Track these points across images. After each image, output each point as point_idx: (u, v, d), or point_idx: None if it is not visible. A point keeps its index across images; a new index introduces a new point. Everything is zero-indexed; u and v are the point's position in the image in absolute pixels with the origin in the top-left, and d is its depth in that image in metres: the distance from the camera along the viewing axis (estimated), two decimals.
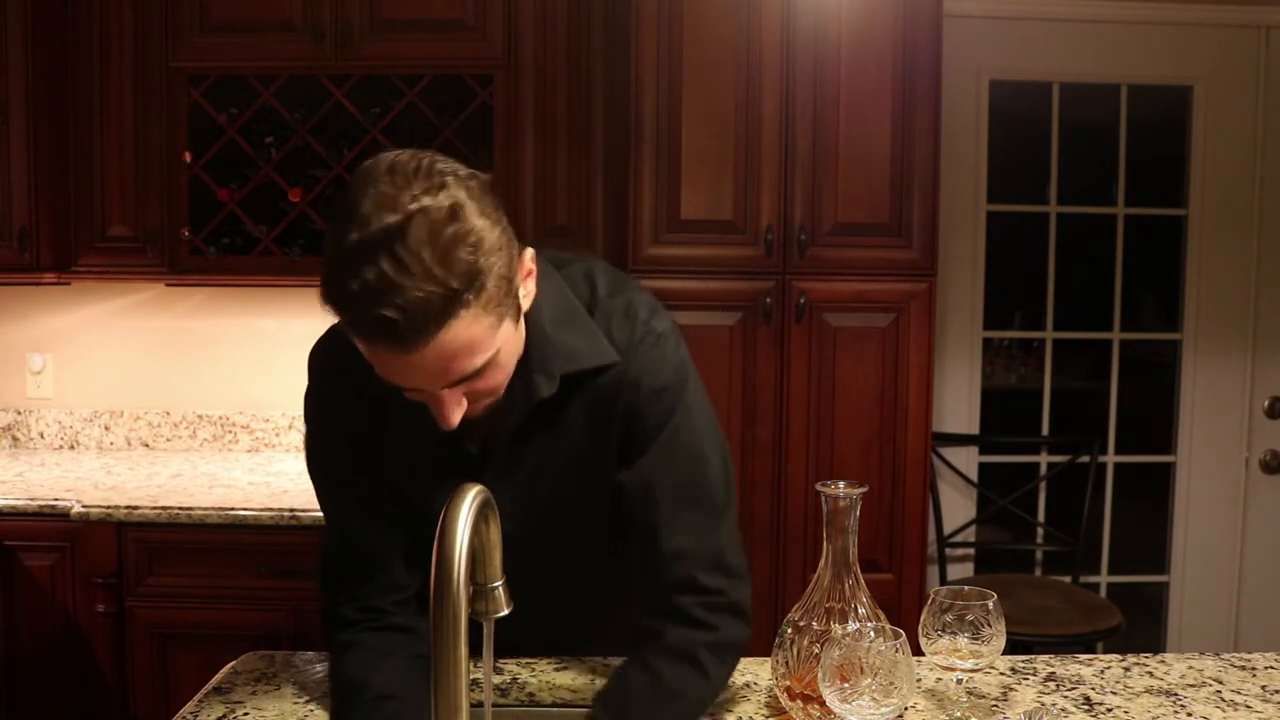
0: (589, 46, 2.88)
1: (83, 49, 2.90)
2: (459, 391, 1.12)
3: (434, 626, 0.93)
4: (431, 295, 1.00)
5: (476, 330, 1.06)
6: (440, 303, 1.01)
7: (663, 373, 1.28)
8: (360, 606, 1.34)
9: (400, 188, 1.01)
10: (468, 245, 1.02)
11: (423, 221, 1.00)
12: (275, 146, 2.90)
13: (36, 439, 3.29)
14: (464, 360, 1.07)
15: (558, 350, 1.24)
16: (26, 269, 2.88)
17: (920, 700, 1.36)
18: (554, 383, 1.24)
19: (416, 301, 1.00)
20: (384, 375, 1.10)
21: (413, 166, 1.03)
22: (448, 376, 1.08)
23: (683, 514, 1.28)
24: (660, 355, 1.29)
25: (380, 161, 1.05)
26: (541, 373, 1.23)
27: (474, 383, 1.12)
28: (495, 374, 1.14)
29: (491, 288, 1.06)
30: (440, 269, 1.00)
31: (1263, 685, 1.42)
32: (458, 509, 0.95)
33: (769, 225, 2.68)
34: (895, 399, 2.72)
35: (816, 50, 2.66)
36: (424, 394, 1.12)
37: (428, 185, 1.02)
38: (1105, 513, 3.50)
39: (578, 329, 1.26)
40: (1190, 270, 3.41)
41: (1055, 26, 3.32)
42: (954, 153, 3.24)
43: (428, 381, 1.09)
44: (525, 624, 1.26)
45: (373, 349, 1.06)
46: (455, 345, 1.05)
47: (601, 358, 1.26)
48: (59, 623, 2.63)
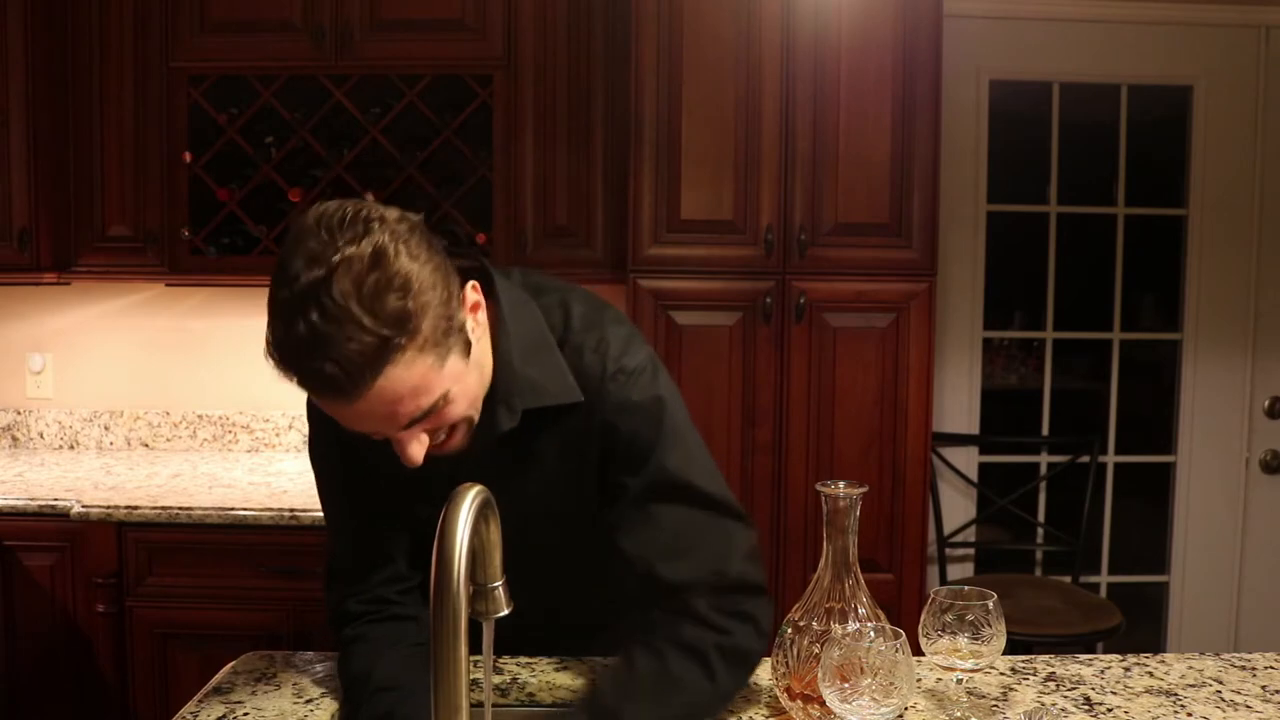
0: (589, 46, 2.88)
1: (82, 49, 2.90)
2: (415, 431, 1.12)
3: (434, 626, 0.93)
4: (364, 345, 1.02)
5: (417, 372, 1.07)
6: (373, 351, 1.02)
7: (636, 411, 1.27)
8: (364, 599, 1.36)
9: (325, 242, 1.02)
10: (394, 290, 1.03)
11: (345, 272, 1.01)
12: (275, 146, 2.90)
13: (36, 439, 3.29)
14: (410, 402, 1.08)
15: (522, 384, 1.24)
16: (26, 269, 2.88)
17: (920, 700, 1.36)
18: (515, 416, 1.24)
19: (349, 353, 1.01)
20: (341, 424, 1.12)
21: (338, 218, 1.04)
22: (398, 420, 1.10)
23: (686, 542, 1.27)
24: (631, 393, 1.27)
25: (309, 215, 1.06)
26: (504, 405, 1.24)
27: (429, 423, 1.12)
28: (451, 410, 1.14)
29: (427, 328, 1.06)
30: (368, 318, 1.01)
31: (1263, 685, 1.42)
32: (458, 509, 0.95)
33: (769, 225, 2.68)
34: (895, 399, 2.72)
35: (816, 50, 2.66)
36: (383, 436, 1.14)
37: (352, 235, 1.03)
38: (1105, 513, 3.50)
39: (545, 364, 1.26)
40: (1190, 270, 3.41)
41: (1055, 26, 3.32)
42: (954, 153, 3.24)
43: (380, 426, 1.11)
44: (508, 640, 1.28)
45: (320, 401, 1.08)
46: (398, 389, 1.06)
47: (564, 396, 1.26)
48: (59, 623, 2.63)
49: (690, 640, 1.23)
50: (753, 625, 1.28)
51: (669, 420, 1.29)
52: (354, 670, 1.32)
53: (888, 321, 2.71)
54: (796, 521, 2.73)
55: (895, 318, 2.71)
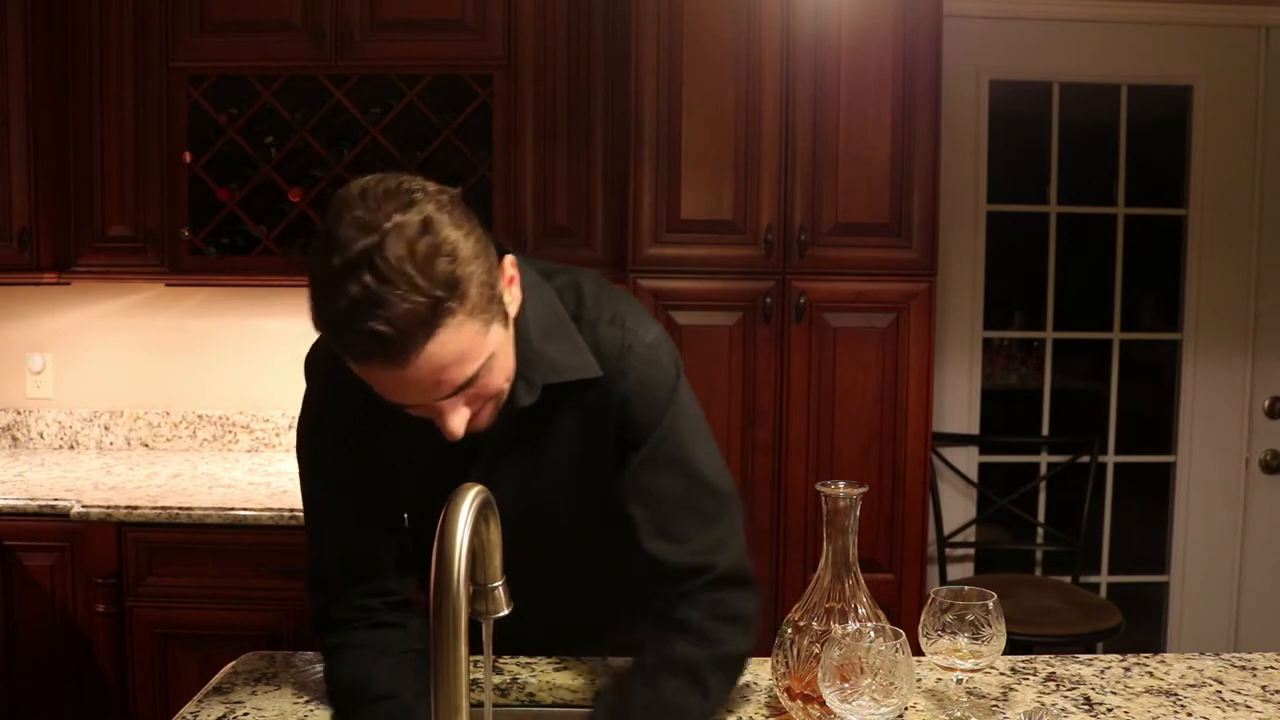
0: (589, 46, 2.88)
1: (82, 49, 2.90)
2: (458, 401, 1.13)
3: (434, 626, 0.93)
4: (417, 305, 1.02)
5: (465, 337, 1.07)
6: (426, 312, 1.03)
7: (652, 384, 1.30)
8: (350, 606, 1.34)
9: (373, 209, 1.04)
10: (444, 255, 1.04)
11: (397, 237, 1.02)
12: (275, 146, 2.90)
13: (36, 439, 3.29)
14: (457, 369, 1.09)
15: (542, 361, 1.26)
16: (26, 269, 2.88)
17: (920, 700, 1.36)
18: (535, 391, 1.26)
19: (403, 313, 1.02)
20: (383, 394, 1.12)
21: (382, 189, 1.06)
22: (442, 388, 1.10)
23: (682, 524, 1.30)
24: (648, 366, 1.30)
25: (351, 188, 1.07)
26: (524, 381, 1.25)
27: (471, 391, 1.12)
28: (491, 380, 1.15)
29: (474, 294, 1.07)
30: (422, 279, 1.02)
31: (1263, 685, 1.42)
32: (458, 509, 0.95)
33: (769, 225, 2.68)
34: (895, 399, 2.72)
35: (816, 50, 2.66)
36: (425, 408, 1.13)
37: (398, 204, 1.04)
38: (1105, 513, 3.50)
39: (563, 341, 1.28)
40: (1190, 270, 3.41)
41: (1055, 26, 3.32)
42: (954, 153, 3.24)
43: (424, 395, 1.10)
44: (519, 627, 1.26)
45: (367, 368, 1.08)
46: (446, 354, 1.06)
47: (585, 371, 1.28)
48: (59, 623, 2.63)
49: (683, 658, 1.25)
50: (743, 625, 1.30)
51: (679, 396, 1.32)
52: (345, 678, 1.30)
53: (888, 321, 2.71)
54: (796, 521, 2.73)
55: (895, 318, 2.71)
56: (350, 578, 1.34)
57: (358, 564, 1.34)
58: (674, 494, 1.30)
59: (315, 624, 1.37)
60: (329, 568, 1.36)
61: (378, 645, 1.32)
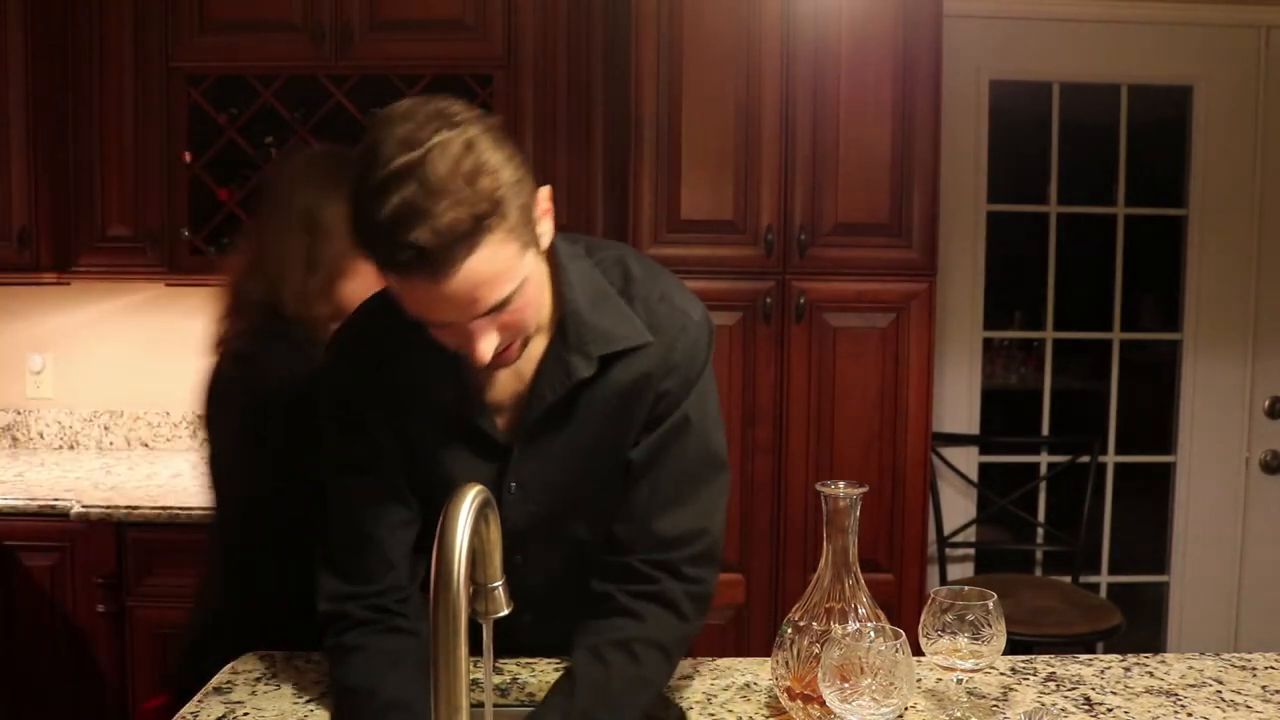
0: (589, 46, 2.88)
1: (83, 49, 2.90)
2: (490, 324, 1.14)
3: (434, 626, 0.93)
4: (460, 219, 1.04)
5: (503, 256, 1.09)
6: (468, 225, 1.05)
7: (694, 360, 1.33)
8: (368, 605, 1.32)
9: (418, 127, 1.06)
10: (487, 174, 1.07)
11: (443, 153, 1.05)
12: (275, 146, 2.90)
13: (36, 439, 3.29)
14: (493, 288, 1.10)
15: (594, 332, 1.27)
16: (26, 269, 2.88)
17: (920, 700, 1.36)
18: (592, 364, 1.27)
19: (446, 225, 1.04)
20: (416, 312, 1.13)
21: (427, 109, 1.09)
22: (477, 306, 1.11)
23: (687, 497, 1.32)
24: (695, 344, 1.33)
25: (395, 107, 1.10)
26: (579, 354, 1.27)
27: (503, 314, 1.14)
28: (524, 308, 1.17)
29: (514, 215, 1.10)
30: (467, 191, 1.05)
31: (1263, 685, 1.42)
32: (458, 509, 0.95)
33: (769, 225, 2.68)
34: (895, 399, 2.72)
35: (816, 50, 2.66)
36: (455, 329, 1.14)
37: (444, 123, 1.07)
38: (1105, 513, 3.50)
39: (612, 311, 1.29)
40: (1190, 270, 3.41)
41: (1055, 26, 3.32)
42: (954, 153, 3.24)
43: (459, 312, 1.11)
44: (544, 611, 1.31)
45: (406, 281, 1.09)
46: (484, 271, 1.08)
47: (636, 339, 1.29)
48: (59, 623, 2.63)
49: (660, 634, 1.29)
50: (707, 607, 1.34)
51: (709, 371, 1.36)
52: (355, 682, 1.29)
53: (888, 321, 2.71)
54: (796, 521, 2.73)
55: (895, 318, 2.71)
56: (366, 572, 1.33)
57: (373, 557, 1.33)
58: (687, 464, 1.32)
59: (327, 620, 1.34)
60: (344, 560, 1.34)
61: (393, 653, 1.30)
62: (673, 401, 1.32)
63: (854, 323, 2.71)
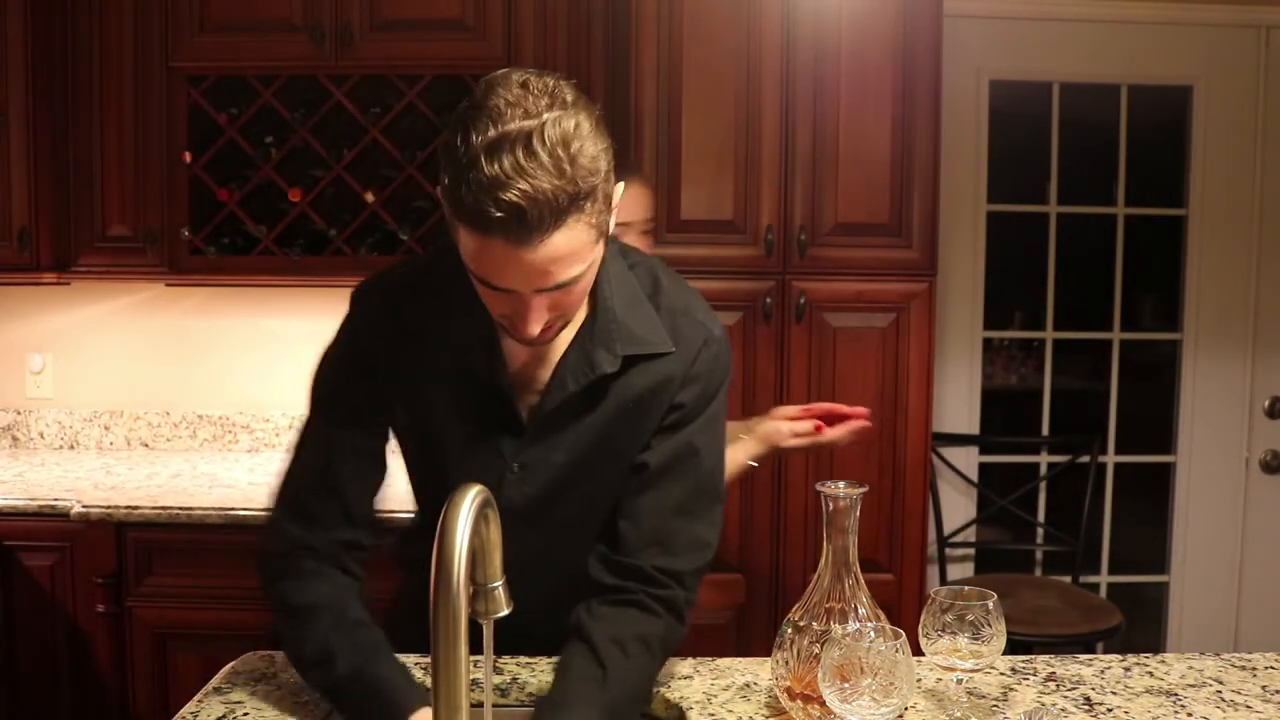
0: (589, 46, 2.87)
1: (83, 49, 2.90)
2: (544, 302, 1.17)
3: (434, 626, 0.93)
4: (559, 190, 1.08)
5: (583, 237, 1.13)
6: (565, 200, 1.09)
7: (713, 376, 1.37)
8: (332, 541, 1.33)
9: (534, 98, 1.10)
10: (587, 157, 1.11)
11: (555, 127, 1.09)
12: (275, 146, 2.90)
13: (36, 439, 3.29)
14: (565, 266, 1.14)
15: (623, 330, 1.31)
16: (26, 269, 2.88)
17: (920, 700, 1.36)
18: (617, 360, 1.30)
19: (545, 192, 1.07)
20: (483, 273, 1.15)
21: (542, 83, 1.12)
22: (547, 279, 1.14)
23: (700, 511, 1.36)
24: (716, 359, 1.37)
25: (511, 75, 1.13)
26: (605, 349, 1.30)
27: (560, 295, 1.17)
28: (580, 291, 1.20)
29: (600, 203, 1.14)
30: (570, 168, 1.09)
31: (1263, 685, 1.42)
32: (458, 509, 0.95)
33: (769, 225, 2.68)
34: (895, 399, 2.72)
35: (816, 50, 2.66)
36: (514, 298, 1.16)
37: (557, 102, 1.11)
38: (1105, 513, 3.50)
39: (642, 315, 1.33)
40: (1190, 270, 3.41)
41: (1055, 26, 3.32)
42: (954, 153, 3.24)
43: (527, 281, 1.13)
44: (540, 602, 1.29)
45: (487, 239, 1.11)
46: (563, 247, 1.12)
47: (661, 346, 1.33)
48: (59, 623, 2.63)
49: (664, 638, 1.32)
50: (690, 617, 1.37)
51: (725, 389, 1.40)
52: (321, 597, 1.29)
53: (888, 321, 2.71)
54: (796, 521, 2.73)
55: (895, 318, 2.71)
56: (334, 517, 1.33)
57: (343, 506, 1.34)
58: (700, 479, 1.36)
59: (282, 548, 1.33)
60: (313, 500, 1.34)
61: (353, 586, 1.33)
62: (688, 413, 1.35)
63: (854, 323, 2.71)
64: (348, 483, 1.34)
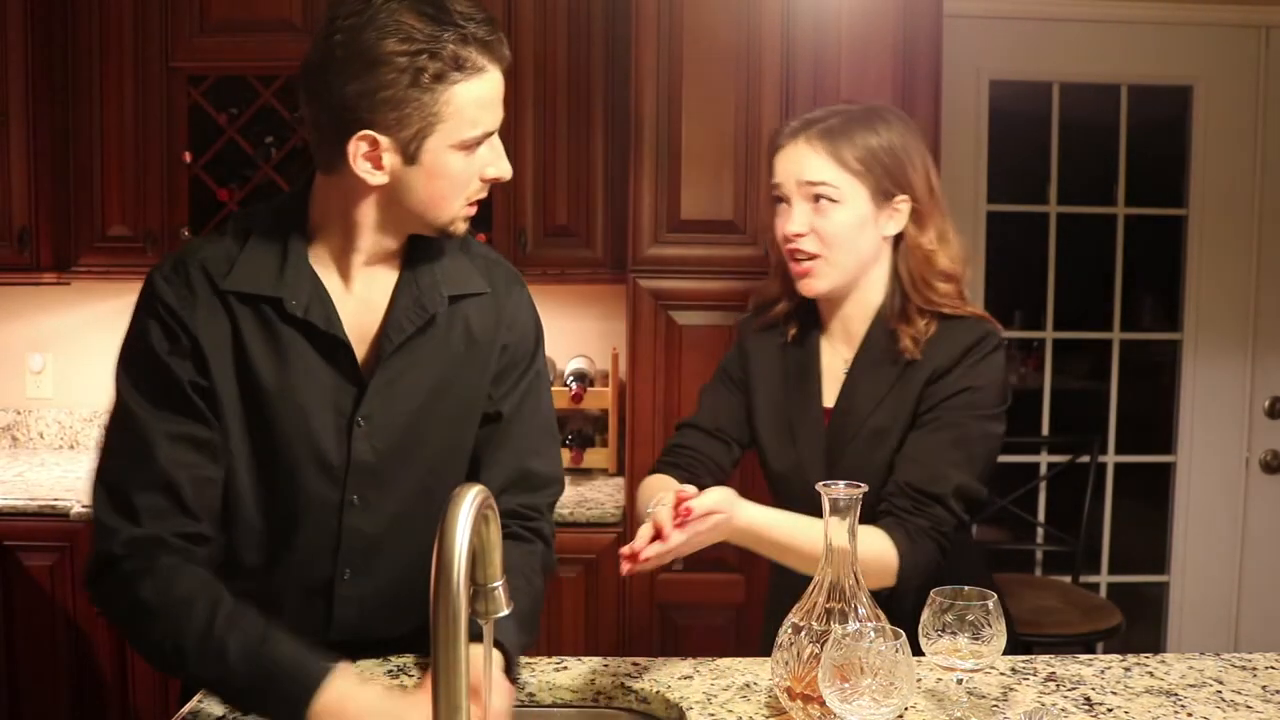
0: (589, 46, 2.87)
1: (83, 49, 2.90)
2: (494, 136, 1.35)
3: (434, 626, 0.93)
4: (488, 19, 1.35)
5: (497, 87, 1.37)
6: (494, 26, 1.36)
7: (533, 316, 1.49)
8: (175, 533, 1.27)
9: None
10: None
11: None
12: (275, 146, 2.90)
13: (36, 439, 3.29)
14: (497, 104, 1.36)
15: (444, 273, 1.39)
16: (26, 269, 2.88)
17: (920, 700, 1.36)
18: (444, 301, 1.38)
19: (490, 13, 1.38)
20: (485, 119, 1.30)
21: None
22: (499, 111, 1.36)
23: (550, 447, 1.50)
24: (531, 303, 1.49)
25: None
26: (430, 291, 1.37)
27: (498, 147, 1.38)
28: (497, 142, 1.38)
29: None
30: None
31: (1263, 685, 1.42)
32: (458, 509, 0.95)
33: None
34: None
35: (816, 50, 2.66)
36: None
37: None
38: (1105, 513, 3.50)
39: (458, 263, 1.42)
40: (1190, 270, 3.40)
41: (1055, 26, 3.31)
42: (954, 153, 3.24)
43: (492, 112, 1.34)
44: (362, 567, 1.37)
45: (470, 56, 1.29)
46: (501, 85, 1.38)
47: (480, 287, 1.42)
48: (59, 623, 2.63)
49: (546, 565, 1.47)
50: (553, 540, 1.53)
51: (543, 337, 1.52)
52: (190, 588, 1.23)
53: None
54: None
55: None
56: (167, 511, 1.27)
57: (186, 498, 1.28)
58: (543, 419, 1.49)
59: (120, 547, 1.26)
60: (148, 495, 1.27)
61: (212, 577, 1.27)
62: (519, 356, 1.45)
63: None
64: (175, 470, 1.28)
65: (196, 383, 1.30)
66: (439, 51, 1.22)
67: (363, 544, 1.39)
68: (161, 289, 1.31)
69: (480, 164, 1.31)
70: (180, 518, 1.28)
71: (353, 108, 1.22)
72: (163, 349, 1.29)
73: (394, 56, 1.20)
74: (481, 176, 1.32)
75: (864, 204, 1.58)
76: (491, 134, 1.31)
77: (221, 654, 1.19)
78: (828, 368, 1.69)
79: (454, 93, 1.25)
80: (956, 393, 1.60)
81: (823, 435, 1.65)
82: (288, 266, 1.31)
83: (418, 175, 1.28)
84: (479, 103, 1.27)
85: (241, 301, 1.31)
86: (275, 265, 1.31)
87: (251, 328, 1.31)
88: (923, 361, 1.61)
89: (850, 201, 1.57)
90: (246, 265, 1.31)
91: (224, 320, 1.31)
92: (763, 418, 1.71)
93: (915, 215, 1.63)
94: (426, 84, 1.22)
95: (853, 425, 1.62)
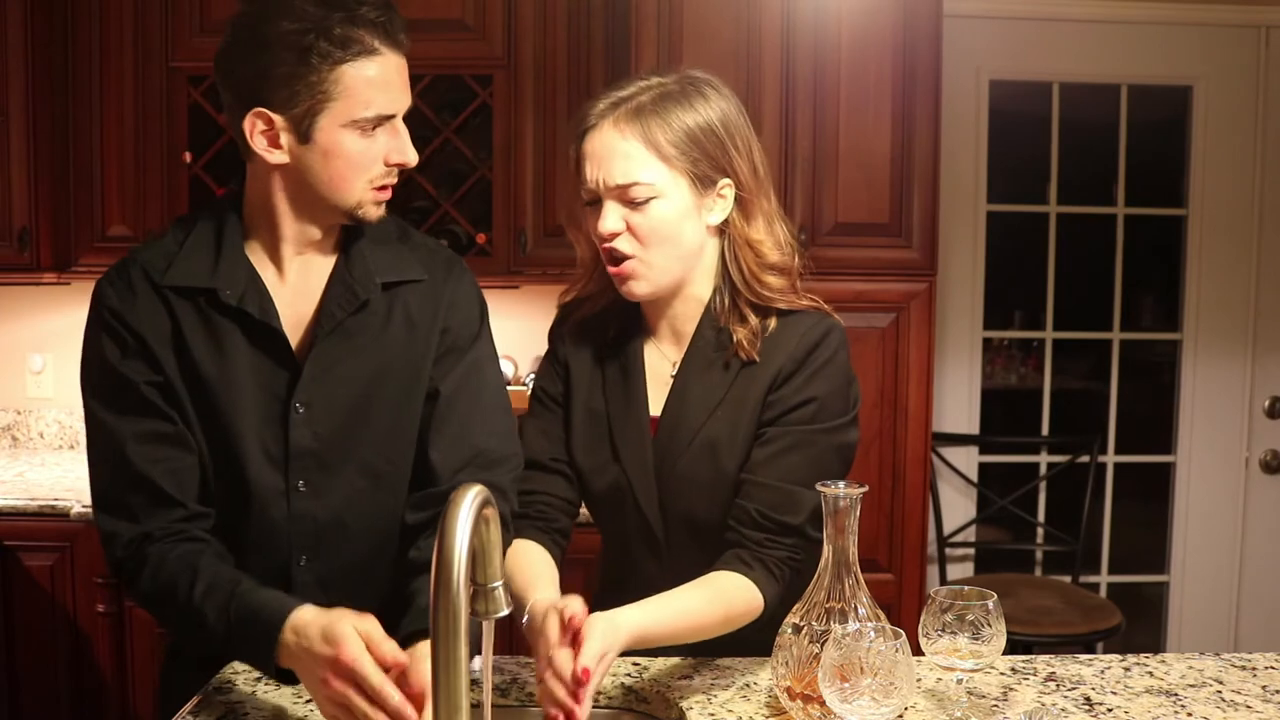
0: (589, 46, 2.87)
1: (83, 49, 2.90)
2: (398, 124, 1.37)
3: (434, 626, 0.93)
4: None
5: (395, 66, 1.36)
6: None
7: (475, 298, 1.48)
8: (163, 524, 1.32)
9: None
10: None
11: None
12: None
13: (36, 439, 3.29)
14: (405, 85, 1.38)
15: (378, 262, 1.41)
16: (26, 269, 2.88)
17: (920, 700, 1.36)
18: (377, 287, 1.39)
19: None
20: (384, 100, 1.31)
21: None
22: (408, 93, 1.39)
23: (494, 423, 1.45)
24: (474, 286, 1.49)
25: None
26: (363, 278, 1.39)
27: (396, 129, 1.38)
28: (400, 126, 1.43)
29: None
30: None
31: (1263, 685, 1.43)
32: (458, 510, 0.95)
33: None
34: (895, 399, 2.72)
35: (816, 50, 2.66)
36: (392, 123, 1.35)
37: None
38: (1105, 513, 3.50)
39: (393, 252, 1.44)
40: (1190, 270, 3.41)
41: (1055, 26, 3.32)
42: (954, 153, 3.24)
43: (400, 95, 1.35)
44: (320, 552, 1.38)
45: (368, 39, 1.30)
46: (403, 65, 1.38)
47: (416, 275, 1.43)
48: (59, 623, 2.63)
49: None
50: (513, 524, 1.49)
51: (487, 316, 1.50)
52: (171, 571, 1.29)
53: (888, 321, 2.71)
54: None
55: (895, 318, 2.71)
56: (151, 507, 1.33)
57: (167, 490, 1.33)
58: (491, 393, 1.46)
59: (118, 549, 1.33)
60: (132, 496, 1.33)
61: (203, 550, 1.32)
62: (460, 336, 1.44)
63: (854, 323, 2.69)
64: (149, 467, 1.32)
65: (151, 380, 1.35)
66: (328, 30, 1.25)
67: (314, 528, 1.40)
68: (106, 293, 1.37)
69: (381, 148, 1.33)
70: (165, 510, 1.33)
71: (250, 87, 1.30)
72: (114, 356, 1.34)
73: (284, 36, 1.26)
74: (386, 161, 1.34)
75: (683, 194, 1.42)
76: (391, 117, 1.32)
77: (203, 621, 1.26)
78: (653, 371, 1.51)
79: (342, 72, 1.27)
80: (802, 404, 1.42)
81: (649, 448, 1.48)
82: (223, 259, 1.35)
83: (314, 155, 1.31)
84: (370, 83, 1.29)
85: (180, 296, 1.35)
86: (211, 259, 1.36)
87: (191, 321, 1.35)
88: (762, 363, 1.43)
89: (668, 194, 1.40)
90: (184, 261, 1.36)
91: (164, 316, 1.35)
92: (580, 432, 1.52)
93: (740, 202, 1.47)
94: (314, 63, 1.26)
95: (683, 436, 1.46)
